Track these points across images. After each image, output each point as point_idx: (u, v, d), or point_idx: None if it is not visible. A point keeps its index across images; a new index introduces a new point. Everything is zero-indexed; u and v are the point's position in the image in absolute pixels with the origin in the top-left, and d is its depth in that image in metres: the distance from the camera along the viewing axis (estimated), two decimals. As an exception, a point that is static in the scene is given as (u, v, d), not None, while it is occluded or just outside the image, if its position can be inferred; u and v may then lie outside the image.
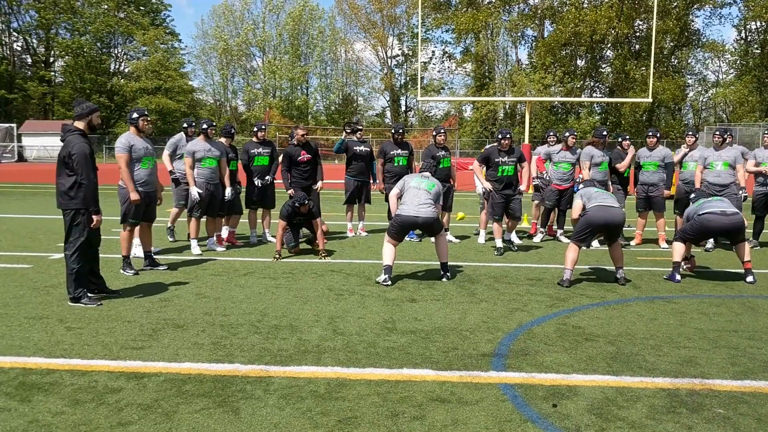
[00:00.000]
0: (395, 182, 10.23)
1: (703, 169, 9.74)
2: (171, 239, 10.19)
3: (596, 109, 56.85)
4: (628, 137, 10.74)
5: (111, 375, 4.42)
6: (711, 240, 9.78)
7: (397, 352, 4.96)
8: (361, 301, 6.53)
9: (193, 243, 9.22)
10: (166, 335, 5.32)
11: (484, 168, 9.93)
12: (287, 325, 5.67)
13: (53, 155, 51.53)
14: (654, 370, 4.61)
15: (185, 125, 9.93)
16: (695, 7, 55.92)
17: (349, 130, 11.10)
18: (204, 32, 62.59)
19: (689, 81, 58.48)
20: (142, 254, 8.17)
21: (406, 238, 10.59)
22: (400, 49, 62.70)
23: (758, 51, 55.29)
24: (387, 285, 7.16)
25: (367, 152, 10.98)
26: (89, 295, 6.42)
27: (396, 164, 10.39)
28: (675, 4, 53.43)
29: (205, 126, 9.24)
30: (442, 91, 62.07)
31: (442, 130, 10.34)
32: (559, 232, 10.94)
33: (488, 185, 9.56)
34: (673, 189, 10.29)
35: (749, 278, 7.55)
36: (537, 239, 10.82)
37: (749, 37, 56.92)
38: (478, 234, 10.93)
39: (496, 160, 9.65)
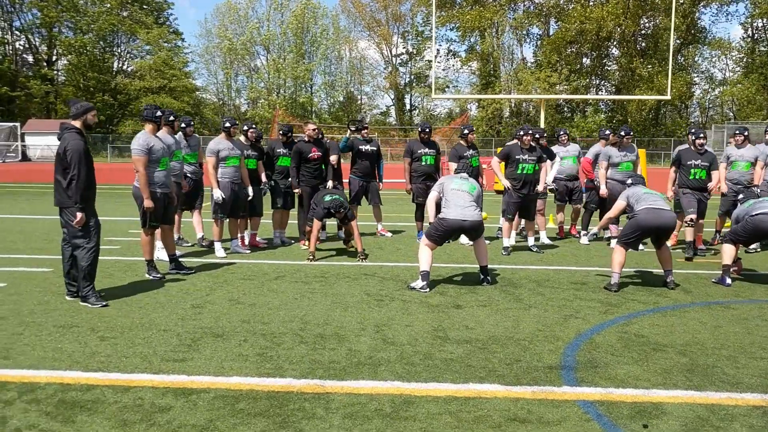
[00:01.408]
0: (424, 182, 10.01)
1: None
2: (187, 244, 9.78)
3: (602, 107, 56.50)
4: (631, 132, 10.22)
5: (156, 391, 4.09)
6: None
7: (457, 364, 4.63)
8: (404, 308, 6.20)
9: (218, 246, 8.90)
10: (207, 346, 4.99)
11: (503, 165, 9.62)
12: (332, 333, 5.34)
13: (57, 154, 51.22)
14: (739, 385, 4.29)
15: (183, 125, 9.41)
16: (702, 4, 55.59)
17: (353, 128, 10.74)
18: (207, 31, 62.31)
19: (695, 79, 58.10)
20: (166, 257, 7.85)
21: (417, 240, 10.27)
22: (404, 48, 62.36)
23: (765, 49, 54.91)
24: (425, 291, 6.82)
25: (373, 151, 10.63)
26: (99, 294, 6.24)
27: (424, 163, 10.06)
28: (682, 1, 53.02)
29: (228, 124, 8.90)
30: (446, 89, 61.68)
31: (473, 128, 10.02)
32: (583, 233, 10.60)
33: (507, 183, 9.23)
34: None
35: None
36: (584, 240, 10.43)
37: (756, 35, 56.54)
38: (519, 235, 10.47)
39: (517, 157, 9.32)
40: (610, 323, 5.74)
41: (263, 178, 9.58)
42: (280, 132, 9.97)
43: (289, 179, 9.73)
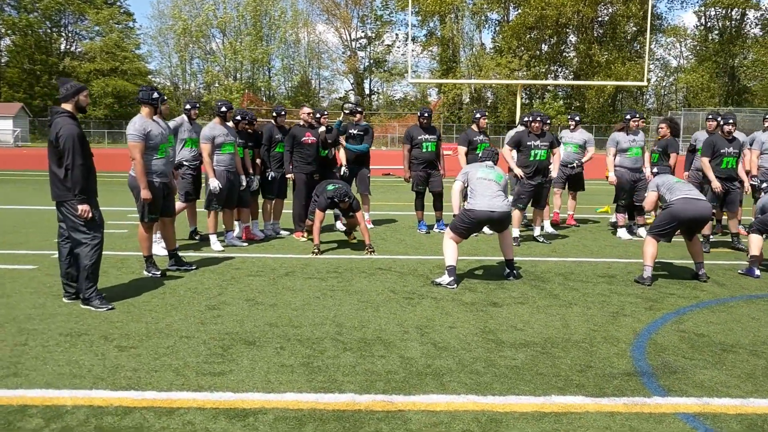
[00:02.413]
0: (424, 169, 9.58)
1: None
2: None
3: (560, 93, 56.86)
4: (637, 115, 9.88)
5: (205, 413, 3.58)
6: None
7: (526, 372, 4.23)
8: (438, 306, 5.77)
9: (213, 239, 8.31)
10: (242, 355, 4.48)
11: (515, 152, 9.27)
12: (374, 338, 4.88)
13: (3, 140, 49.02)
14: (834, 390, 4.00)
15: (188, 107, 8.74)
16: (655, -8, 56.34)
17: (347, 111, 10.18)
18: (160, 12, 60.44)
19: (651, 66, 58.96)
20: (164, 253, 7.25)
21: (435, 229, 9.87)
22: (363, 32, 61.56)
23: (717, 38, 56.04)
24: (452, 288, 6.40)
25: (363, 137, 10.06)
26: (102, 295, 5.65)
27: (424, 150, 9.60)
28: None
29: (224, 109, 8.26)
30: (406, 74, 61.19)
31: (485, 113, 9.64)
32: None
33: (520, 171, 8.87)
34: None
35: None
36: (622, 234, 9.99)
37: (708, 24, 57.63)
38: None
39: (528, 143, 8.99)
40: (661, 321, 5.42)
41: (251, 168, 8.93)
42: (274, 114, 9.35)
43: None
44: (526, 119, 9.17)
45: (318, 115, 9.43)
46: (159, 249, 7.45)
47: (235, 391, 3.87)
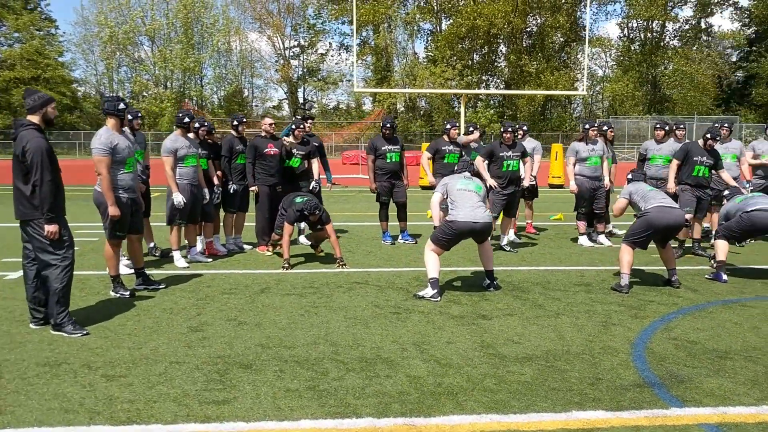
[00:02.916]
0: (389, 180, 9.50)
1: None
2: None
3: (492, 102, 57.82)
4: (596, 124, 10.01)
5: (222, 447, 3.36)
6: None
7: (539, 388, 4.17)
8: (428, 321, 5.67)
9: (177, 255, 7.96)
10: (241, 380, 4.26)
11: (487, 163, 9.29)
12: (374, 357, 4.74)
13: None
14: (837, 394, 4.10)
15: (130, 117, 8.03)
16: (582, 3, 58.11)
17: (300, 117, 9.98)
18: (85, 18, 58.31)
19: (577, 75, 60.70)
20: (129, 271, 6.91)
21: (400, 240, 9.77)
22: (296, 41, 61.11)
23: (639, 48, 58.23)
24: (436, 300, 6.32)
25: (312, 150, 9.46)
26: (73, 319, 5.31)
27: (388, 160, 9.51)
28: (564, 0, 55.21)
29: (186, 119, 7.95)
30: (341, 83, 61.22)
31: (456, 124, 9.63)
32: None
33: (494, 182, 8.89)
34: None
35: (792, 275, 7.31)
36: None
37: (631, 35, 59.81)
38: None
39: (501, 154, 9.07)
40: (650, 329, 5.48)
41: (215, 180, 8.66)
42: (234, 123, 9.05)
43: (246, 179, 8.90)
44: (500, 130, 9.19)
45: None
46: (123, 267, 7.08)
47: (248, 421, 3.66)
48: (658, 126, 9.84)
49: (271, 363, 4.59)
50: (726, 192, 7.99)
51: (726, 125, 9.79)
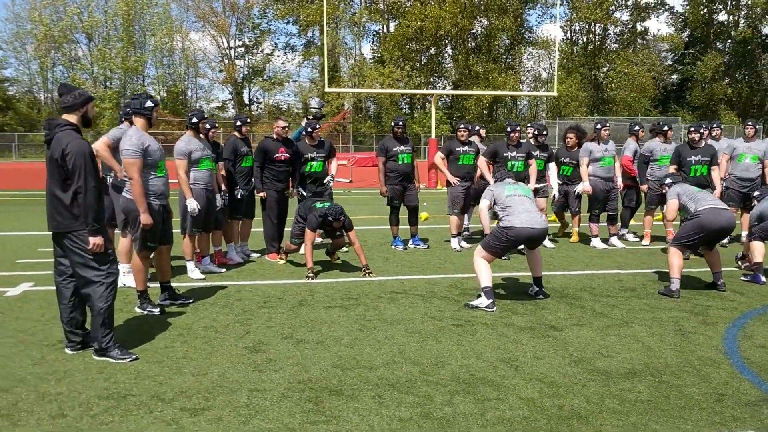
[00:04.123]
0: (401, 182, 9.10)
1: (730, 161, 9.52)
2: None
3: (440, 103, 57.98)
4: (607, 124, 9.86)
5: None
6: None
7: (667, 407, 3.89)
8: (499, 334, 5.32)
9: (191, 266, 7.37)
10: (342, 409, 3.82)
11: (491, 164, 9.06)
12: (468, 377, 4.37)
13: None
14: None
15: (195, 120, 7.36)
16: (528, 6, 58.95)
17: (311, 117, 9.46)
18: (16, 15, 55.57)
19: (523, 77, 61.55)
20: (132, 285, 6.33)
21: (411, 245, 9.39)
22: (241, 40, 59.81)
23: (582, 50, 59.47)
24: (491, 311, 5.96)
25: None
26: (119, 343, 4.76)
27: (400, 162, 9.10)
28: (510, 2, 55.83)
29: (195, 119, 7.34)
30: (286, 83, 60.28)
31: (462, 126, 9.31)
32: (623, 231, 10.28)
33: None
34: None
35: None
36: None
37: (574, 38, 61.00)
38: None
39: (505, 155, 8.87)
40: (730, 337, 5.28)
41: (223, 186, 8.06)
42: (238, 124, 8.47)
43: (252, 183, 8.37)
44: (507, 129, 8.96)
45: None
46: (129, 280, 6.50)
47: (381, 459, 3.23)
48: (666, 128, 9.75)
49: (362, 387, 4.15)
50: (756, 193, 7.93)
51: (750, 124, 9.73)
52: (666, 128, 9.78)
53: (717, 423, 3.66)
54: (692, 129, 8.71)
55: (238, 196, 8.22)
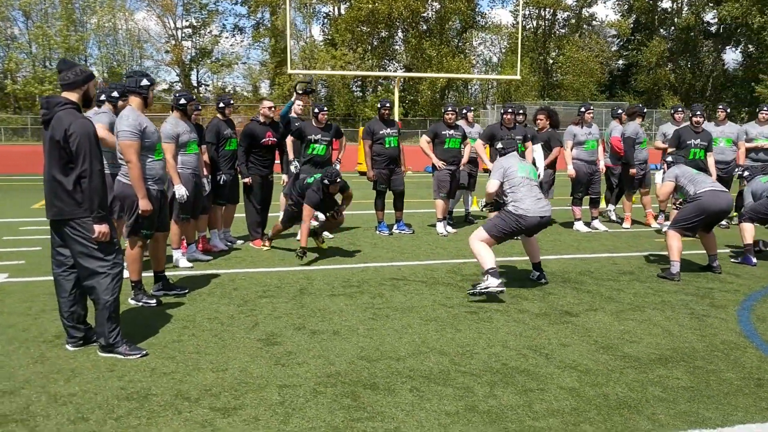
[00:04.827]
0: (387, 167, 8.89)
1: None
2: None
3: (391, 86, 57.71)
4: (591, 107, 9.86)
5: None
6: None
7: (712, 393, 3.83)
8: (516, 320, 5.20)
9: (177, 254, 7.03)
10: (384, 404, 3.63)
11: (488, 146, 8.94)
12: (500, 366, 4.24)
13: None
14: None
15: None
16: (480, -11, 59.11)
17: (301, 92, 9.12)
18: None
19: (474, 61, 61.76)
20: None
21: (396, 230, 9.21)
22: (188, 21, 58.17)
23: (532, 35, 60.00)
24: (502, 290, 5.77)
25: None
26: (126, 338, 4.45)
27: (387, 146, 8.88)
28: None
29: (183, 101, 6.97)
30: (235, 65, 58.98)
31: (450, 108, 9.13)
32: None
33: (491, 164, 8.52)
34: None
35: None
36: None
37: (524, 23, 61.44)
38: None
39: (502, 137, 8.74)
40: (744, 318, 5.29)
41: (204, 170, 7.70)
42: (221, 105, 8.09)
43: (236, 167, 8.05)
44: (501, 111, 8.83)
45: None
46: (182, 260, 6.46)
47: (443, 458, 3.06)
48: (680, 109, 9.90)
49: (396, 380, 3.97)
50: (746, 173, 8.02)
51: (720, 107, 9.89)
52: (645, 111, 9.89)
53: (766, 409, 3.61)
54: (698, 113, 8.74)
55: (221, 181, 7.87)
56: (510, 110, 8.74)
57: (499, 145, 6.58)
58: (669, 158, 7.23)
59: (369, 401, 3.67)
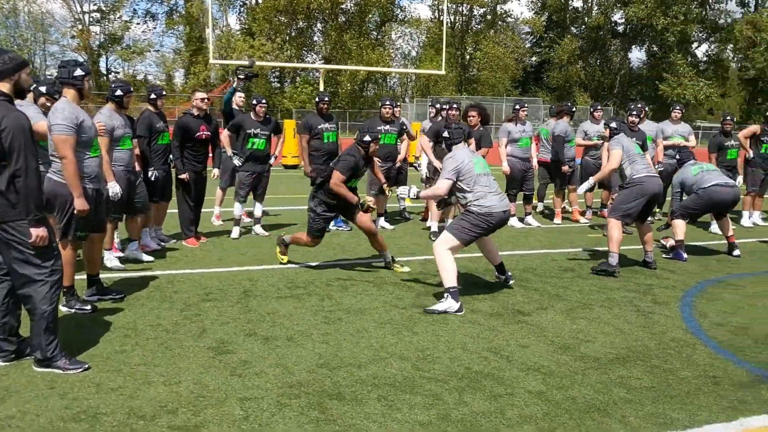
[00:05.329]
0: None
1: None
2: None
3: (311, 77, 57.21)
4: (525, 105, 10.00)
5: None
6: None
7: (673, 393, 3.90)
8: (471, 321, 5.18)
9: (109, 255, 6.62)
10: (353, 416, 3.50)
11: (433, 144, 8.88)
12: (464, 371, 4.18)
13: None
14: None
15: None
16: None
17: (242, 76, 8.74)
18: None
19: (392, 54, 62.00)
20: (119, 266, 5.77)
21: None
22: (95, 5, 55.64)
23: (450, 30, 60.68)
24: (462, 314, 5.35)
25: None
26: (65, 351, 4.12)
27: (326, 141, 8.68)
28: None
29: (119, 92, 6.51)
30: (147, 53, 56.93)
31: (388, 102, 9.01)
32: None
33: (439, 164, 8.46)
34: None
35: (736, 252, 7.76)
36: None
37: (441, 17, 62.09)
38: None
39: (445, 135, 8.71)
40: (687, 314, 5.45)
41: (136, 165, 7.28)
42: (152, 97, 7.65)
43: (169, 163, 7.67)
44: (441, 106, 8.80)
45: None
46: (113, 260, 6.39)
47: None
48: (599, 107, 10.10)
49: (362, 389, 3.84)
50: (678, 156, 8.29)
51: (631, 107, 10.08)
52: (574, 110, 10.17)
53: (728, 408, 3.70)
54: (634, 112, 8.89)
55: (152, 178, 7.45)
56: (455, 106, 8.66)
57: (446, 134, 6.40)
58: (613, 123, 7.16)
59: (338, 413, 3.52)
